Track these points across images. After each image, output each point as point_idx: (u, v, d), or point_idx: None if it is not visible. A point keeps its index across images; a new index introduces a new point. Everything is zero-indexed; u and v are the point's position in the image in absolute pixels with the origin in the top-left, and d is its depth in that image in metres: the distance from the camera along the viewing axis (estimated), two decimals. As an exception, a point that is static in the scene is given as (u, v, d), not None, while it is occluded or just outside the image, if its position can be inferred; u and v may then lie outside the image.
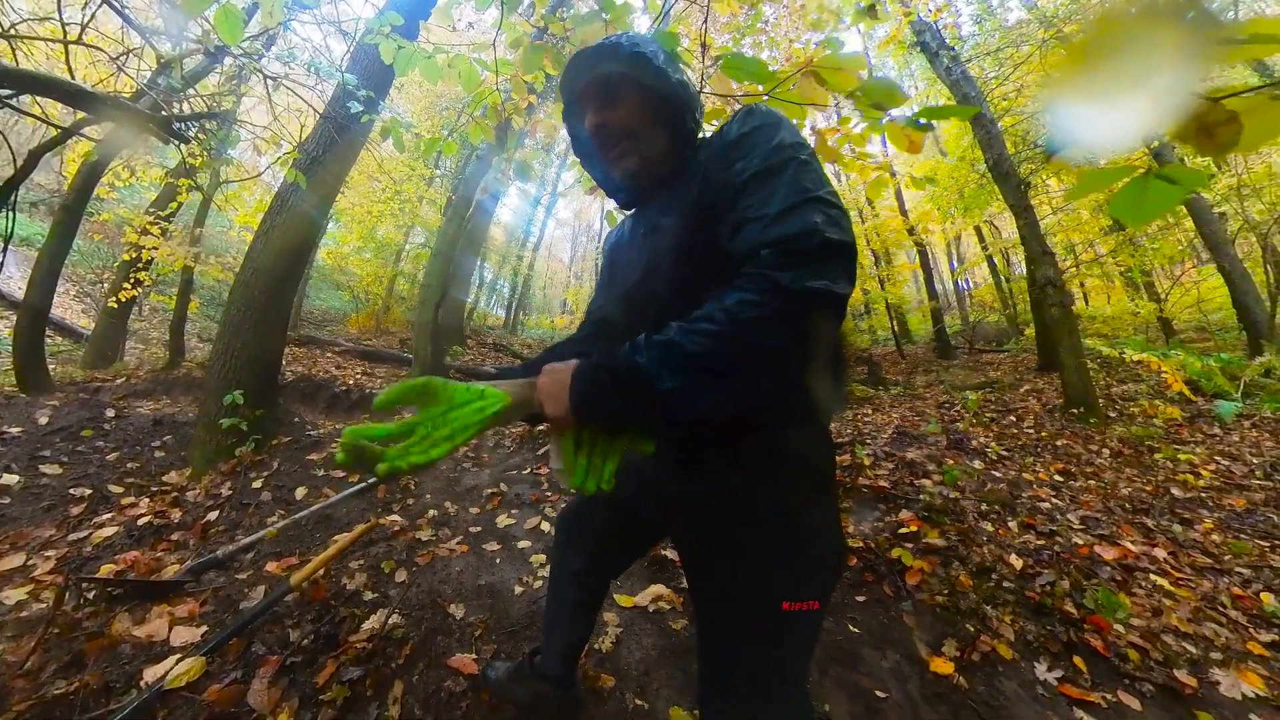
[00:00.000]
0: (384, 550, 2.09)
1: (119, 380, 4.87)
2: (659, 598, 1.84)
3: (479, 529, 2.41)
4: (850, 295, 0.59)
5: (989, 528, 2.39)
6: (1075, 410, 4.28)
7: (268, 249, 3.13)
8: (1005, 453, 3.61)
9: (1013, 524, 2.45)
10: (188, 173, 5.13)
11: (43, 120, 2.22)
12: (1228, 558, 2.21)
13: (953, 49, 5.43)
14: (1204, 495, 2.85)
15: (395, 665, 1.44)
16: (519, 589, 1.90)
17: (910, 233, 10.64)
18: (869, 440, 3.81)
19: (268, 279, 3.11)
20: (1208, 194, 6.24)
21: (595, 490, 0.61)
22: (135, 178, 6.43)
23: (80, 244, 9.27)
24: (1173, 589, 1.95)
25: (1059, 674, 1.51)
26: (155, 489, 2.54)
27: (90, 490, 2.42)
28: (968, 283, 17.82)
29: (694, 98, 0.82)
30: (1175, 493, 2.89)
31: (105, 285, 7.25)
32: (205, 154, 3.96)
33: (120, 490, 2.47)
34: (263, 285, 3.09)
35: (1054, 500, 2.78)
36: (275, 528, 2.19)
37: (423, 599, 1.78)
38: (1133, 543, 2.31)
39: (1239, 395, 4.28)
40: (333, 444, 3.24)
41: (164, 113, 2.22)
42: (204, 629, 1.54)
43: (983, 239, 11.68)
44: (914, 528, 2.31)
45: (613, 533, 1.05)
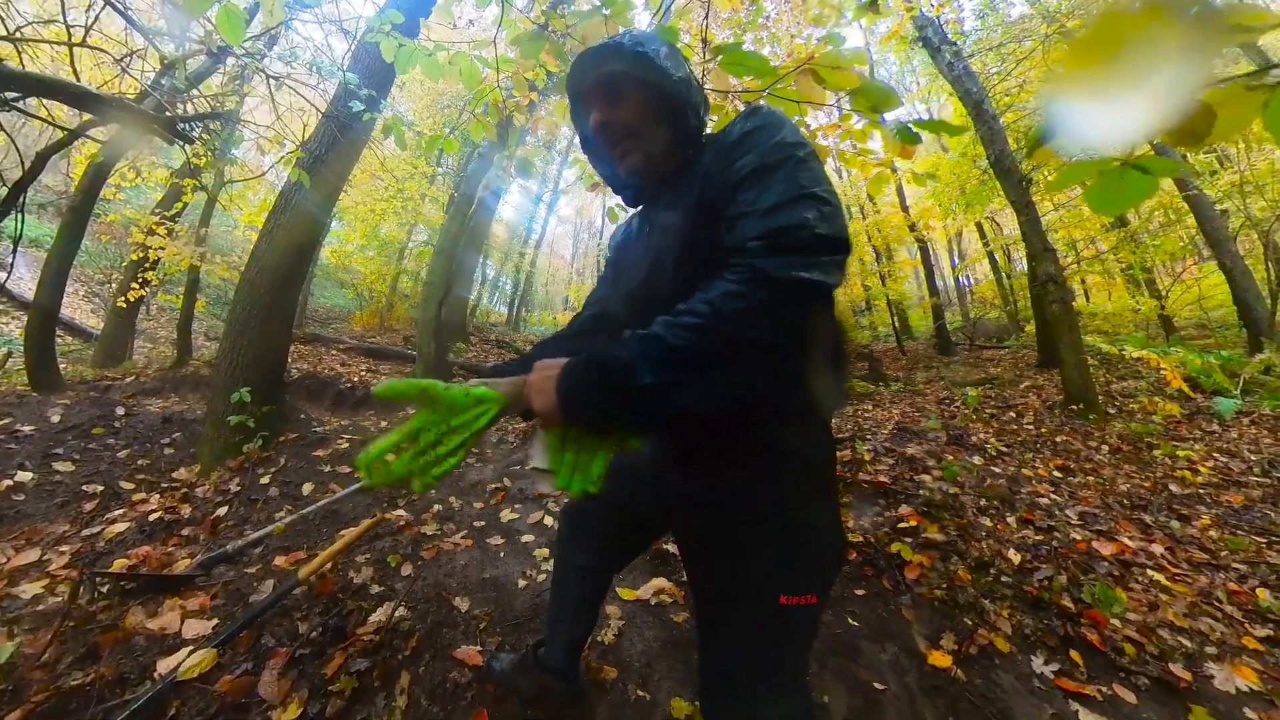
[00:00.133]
0: (390, 545, 2.12)
1: (128, 379, 4.93)
2: (660, 591, 1.86)
3: (483, 523, 2.43)
4: (838, 288, 0.59)
5: (988, 523, 2.40)
6: (1075, 407, 4.28)
7: (272, 248, 3.14)
8: (1005, 449, 3.61)
9: (1011, 519, 2.47)
10: (192, 173, 5.17)
11: (49, 123, 2.24)
12: (1224, 554, 2.21)
13: (955, 44, 5.38)
14: (1202, 492, 2.85)
15: (402, 657, 1.46)
16: (522, 582, 1.92)
17: (911, 229, 10.58)
18: (869, 436, 3.82)
19: (273, 278, 3.12)
20: (1210, 191, 6.19)
21: (581, 492, 0.61)
22: (141, 178, 6.48)
23: (88, 245, 9.29)
24: (1169, 584, 1.96)
25: (1055, 667, 1.52)
26: (165, 485, 2.57)
27: (102, 487, 2.45)
28: (969, 279, 17.74)
29: (696, 94, 0.82)
30: (1173, 489, 2.89)
31: (113, 285, 7.30)
32: (209, 154, 3.99)
33: (131, 487, 2.51)
34: (268, 284, 3.10)
35: (1053, 496, 2.79)
36: (283, 523, 2.21)
37: (428, 592, 1.80)
38: (1130, 538, 2.31)
39: (1238, 392, 4.26)
40: (339, 440, 3.27)
41: (168, 113, 2.24)
42: (215, 622, 1.57)
43: (984, 235, 11.62)
44: (913, 523, 2.33)
45: (615, 529, 1.06)
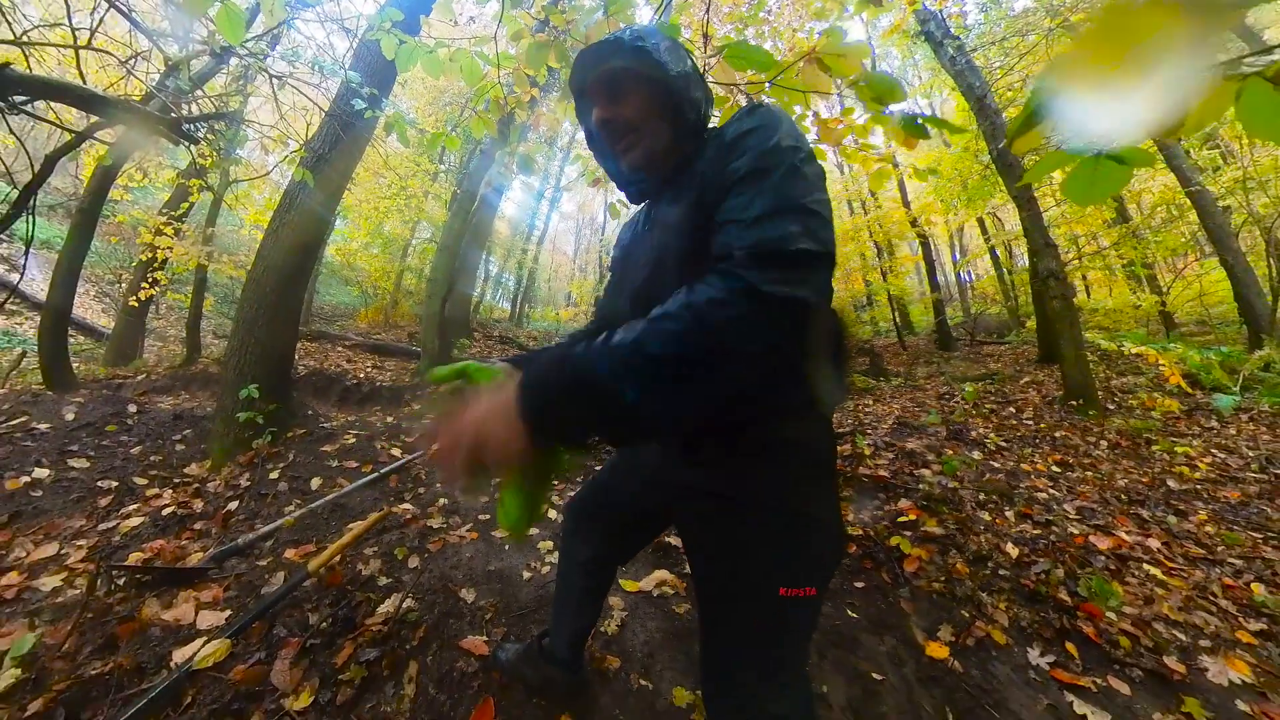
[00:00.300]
0: (397, 537, 2.15)
1: (139, 377, 5.00)
2: (663, 583, 1.89)
3: (488, 517, 2.46)
4: (820, 306, 0.58)
5: (986, 517, 2.43)
6: (1074, 402, 4.29)
7: (278, 246, 3.17)
8: (1004, 443, 3.63)
9: (1010, 513, 2.49)
10: (198, 173, 5.22)
11: (57, 125, 2.26)
12: (1220, 549, 2.23)
13: (958, 38, 5.37)
14: (1199, 487, 2.87)
15: (410, 647, 1.49)
16: (527, 574, 1.95)
17: (913, 224, 10.56)
18: (870, 430, 3.85)
19: (279, 276, 3.15)
20: (1213, 186, 6.15)
21: (523, 532, 0.65)
22: (148, 179, 6.53)
23: (98, 245, 9.37)
24: (1165, 578, 1.98)
25: (1051, 659, 1.54)
26: (177, 481, 2.61)
27: (116, 482, 2.49)
28: (970, 275, 17.69)
29: (698, 89, 0.81)
30: (1171, 484, 2.91)
31: (123, 285, 7.38)
32: (215, 154, 4.02)
33: (145, 482, 2.55)
34: (274, 282, 3.13)
35: (1051, 491, 2.81)
36: (293, 516, 2.25)
37: (435, 584, 1.83)
38: (1127, 533, 2.34)
39: (1238, 389, 4.26)
40: (346, 435, 3.30)
41: (173, 114, 2.26)
42: (228, 613, 1.60)
43: (985, 231, 11.56)
44: (913, 516, 2.35)
45: (619, 523, 1.07)
